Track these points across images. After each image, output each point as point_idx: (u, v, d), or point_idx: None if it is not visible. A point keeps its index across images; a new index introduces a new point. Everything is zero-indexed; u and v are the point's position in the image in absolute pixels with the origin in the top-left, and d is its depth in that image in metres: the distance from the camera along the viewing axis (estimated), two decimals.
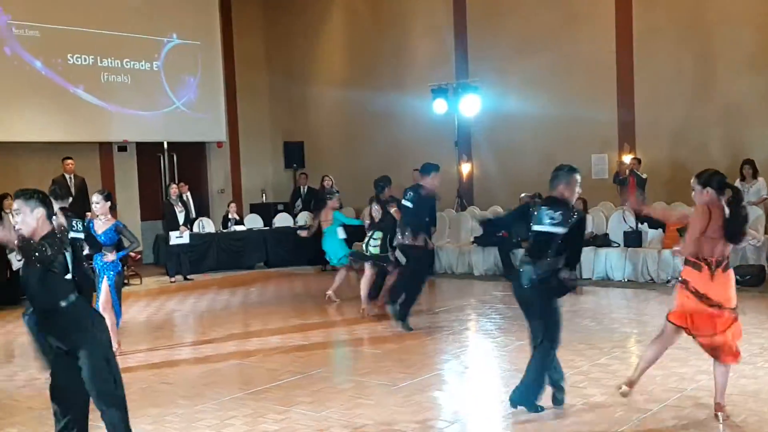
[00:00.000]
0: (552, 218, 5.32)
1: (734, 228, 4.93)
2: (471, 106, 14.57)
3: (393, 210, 9.25)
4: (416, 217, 8.55)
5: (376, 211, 9.54)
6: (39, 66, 14.60)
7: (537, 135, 14.70)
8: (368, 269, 9.49)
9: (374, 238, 9.39)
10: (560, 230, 5.26)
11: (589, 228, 11.96)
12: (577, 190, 5.51)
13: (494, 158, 15.31)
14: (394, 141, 16.62)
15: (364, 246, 9.60)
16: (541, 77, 14.60)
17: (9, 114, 14.18)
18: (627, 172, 13.05)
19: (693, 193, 5.10)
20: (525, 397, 5.40)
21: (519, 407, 5.44)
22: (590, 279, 11.68)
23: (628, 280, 11.41)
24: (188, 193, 14.82)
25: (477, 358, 7.55)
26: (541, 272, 5.22)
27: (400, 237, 8.73)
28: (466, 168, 15.61)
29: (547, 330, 5.30)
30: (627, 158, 13.29)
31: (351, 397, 6.06)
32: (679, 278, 5.05)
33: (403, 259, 8.93)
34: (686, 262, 5.04)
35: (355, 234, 11.88)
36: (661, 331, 5.17)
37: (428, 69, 15.93)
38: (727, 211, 4.95)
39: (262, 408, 5.89)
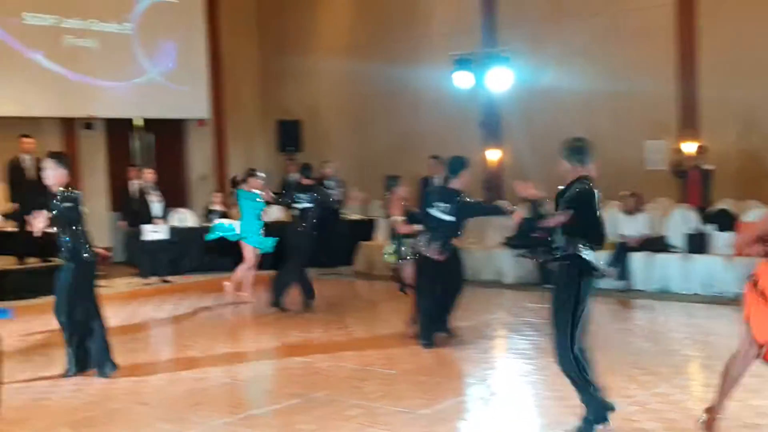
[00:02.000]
0: None
1: None
2: (500, 79, 14.52)
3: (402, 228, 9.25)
4: (455, 230, 8.57)
5: None
6: None
7: (580, 115, 14.64)
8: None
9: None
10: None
11: (643, 229, 11.95)
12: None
13: (528, 142, 15.27)
14: (408, 121, 16.63)
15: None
16: (584, 45, 14.55)
17: None
18: (690, 162, 12.95)
19: None
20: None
21: None
22: (644, 291, 11.63)
23: (692, 293, 11.35)
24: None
25: (508, 382, 7.56)
26: None
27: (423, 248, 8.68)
28: (493, 154, 15.60)
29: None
30: (688, 146, 13.25)
31: (360, 426, 6.09)
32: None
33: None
34: None
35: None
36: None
37: (449, 36, 15.91)
38: None
39: None
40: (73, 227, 7.66)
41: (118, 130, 16.84)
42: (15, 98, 14.93)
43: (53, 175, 7.73)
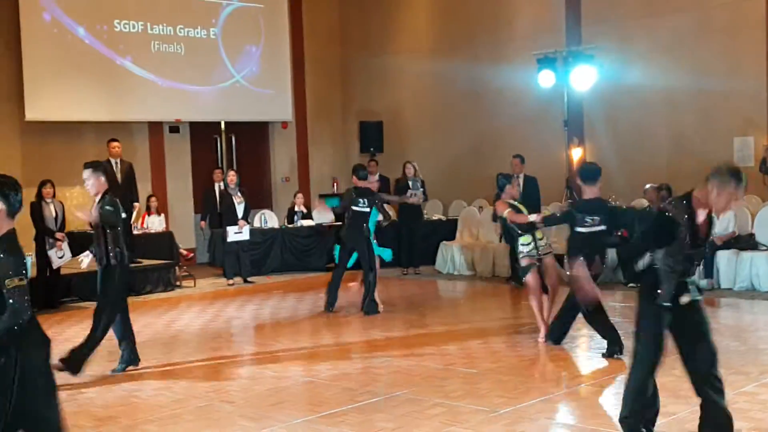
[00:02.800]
0: None
1: None
2: (584, 78, 14.34)
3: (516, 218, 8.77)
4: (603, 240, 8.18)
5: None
6: (82, 33, 15.11)
7: (666, 113, 14.40)
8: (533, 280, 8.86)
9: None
10: None
11: (730, 227, 11.68)
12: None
13: (612, 141, 15.05)
14: (490, 121, 16.54)
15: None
16: (672, 42, 14.28)
17: (47, 89, 14.70)
18: None
19: None
20: None
21: None
22: (731, 289, 11.40)
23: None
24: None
25: (592, 380, 7.44)
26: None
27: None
28: (577, 153, 15.40)
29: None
30: None
31: (442, 424, 6.07)
32: None
33: None
34: None
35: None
36: None
37: (533, 34, 15.78)
38: None
39: None
40: (109, 231, 7.87)
41: (202, 132, 17.15)
42: (105, 103, 15.35)
43: (93, 184, 7.95)
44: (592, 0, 15.31)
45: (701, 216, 5.06)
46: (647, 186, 12.45)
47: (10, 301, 4.32)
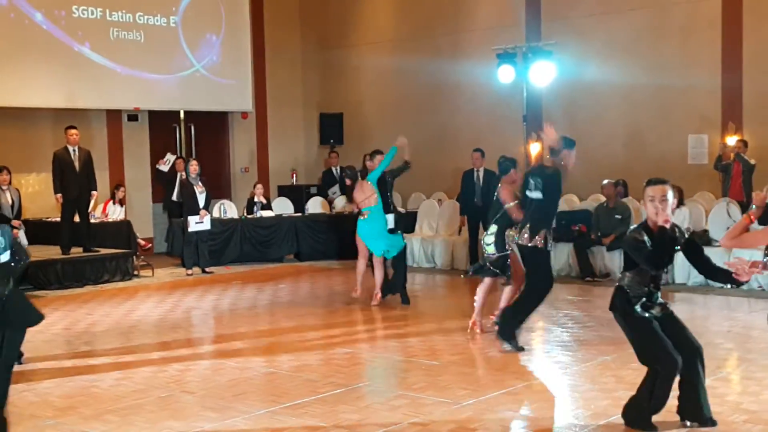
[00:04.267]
0: None
1: None
2: (543, 74, 14.43)
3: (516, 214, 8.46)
4: (546, 211, 8.05)
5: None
6: (39, 18, 14.84)
7: (623, 110, 14.55)
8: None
9: (488, 234, 8.75)
10: None
11: (685, 223, 11.83)
12: None
13: (571, 137, 15.13)
14: (450, 115, 16.58)
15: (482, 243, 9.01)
16: (629, 39, 14.43)
17: (2, 74, 14.38)
18: (731, 156, 12.88)
19: None
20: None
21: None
22: (685, 284, 11.54)
23: (732, 287, 11.22)
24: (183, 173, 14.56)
25: (551, 374, 7.50)
26: None
27: (517, 236, 8.24)
28: (535, 148, 15.46)
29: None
30: (732, 140, 13.10)
31: (406, 416, 6.07)
32: None
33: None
34: None
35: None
36: None
37: (493, 29, 15.84)
38: None
39: (303, 425, 5.94)
40: None
41: (161, 121, 16.96)
42: (62, 90, 15.10)
43: None
44: None
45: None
46: (604, 182, 12.59)
47: None
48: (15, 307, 5.10)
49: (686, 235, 5.66)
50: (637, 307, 5.50)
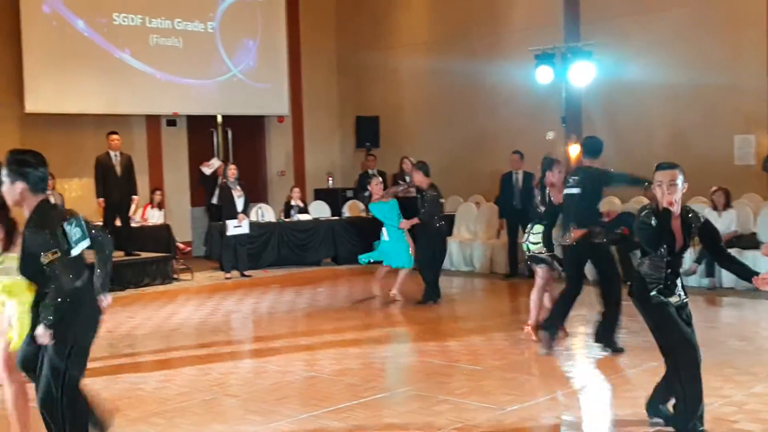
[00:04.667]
0: None
1: None
2: (582, 74, 14.28)
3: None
4: (587, 207, 7.98)
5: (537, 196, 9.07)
6: (81, 26, 15.03)
7: (665, 110, 14.36)
8: (539, 274, 8.77)
9: (533, 233, 8.71)
10: None
11: (732, 226, 11.67)
12: None
13: (610, 138, 14.77)
14: (488, 117, 16.50)
15: (524, 244, 8.96)
16: (671, 38, 14.23)
17: (47, 82, 14.64)
18: None
19: None
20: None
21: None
22: (733, 288, 11.33)
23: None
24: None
25: (596, 379, 7.42)
26: None
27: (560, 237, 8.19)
28: (574, 149, 15.36)
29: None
30: None
31: (449, 421, 6.04)
32: None
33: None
34: None
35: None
36: None
37: (530, 30, 15.72)
38: None
39: (347, 430, 5.93)
40: None
41: (199, 126, 17.08)
42: (103, 96, 15.28)
43: None
44: None
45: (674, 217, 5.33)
46: (646, 183, 12.42)
47: (54, 274, 4.45)
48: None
49: (701, 220, 5.54)
50: (653, 293, 5.43)
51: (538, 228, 8.63)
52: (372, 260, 11.72)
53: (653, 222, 5.32)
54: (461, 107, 17.03)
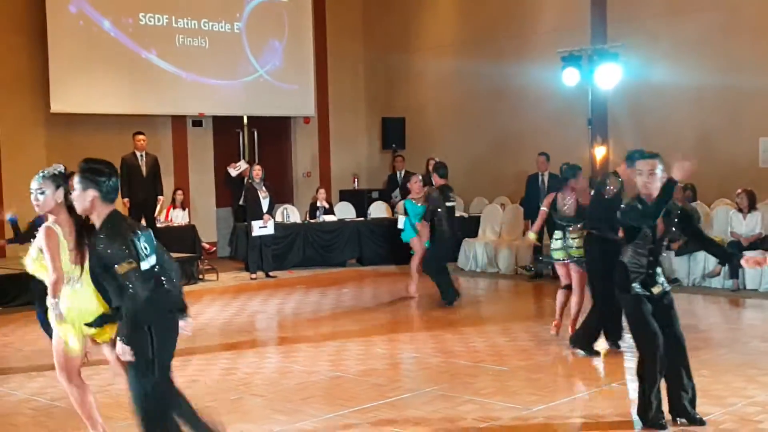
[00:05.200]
0: None
1: None
2: (609, 76, 14.25)
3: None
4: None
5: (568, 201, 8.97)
6: (107, 26, 15.15)
7: (692, 112, 14.28)
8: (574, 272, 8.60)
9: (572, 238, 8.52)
10: None
11: (757, 228, 11.61)
12: None
13: (637, 140, 14.86)
14: (513, 118, 16.48)
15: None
16: (698, 40, 14.16)
17: (73, 82, 14.75)
18: None
19: None
20: None
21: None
22: (757, 290, 11.30)
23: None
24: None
25: (621, 379, 7.40)
26: None
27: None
28: (600, 151, 15.33)
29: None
30: None
31: (475, 421, 6.06)
32: None
33: None
34: None
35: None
36: None
37: (557, 32, 15.70)
38: None
39: (374, 430, 5.96)
40: None
41: (224, 126, 17.16)
42: (129, 96, 15.40)
43: None
44: None
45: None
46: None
47: (128, 285, 4.43)
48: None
49: (679, 206, 5.98)
50: (635, 284, 5.68)
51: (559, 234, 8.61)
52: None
53: (640, 207, 5.62)
54: (487, 109, 17.02)
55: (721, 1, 13.99)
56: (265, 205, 13.81)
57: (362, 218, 16.00)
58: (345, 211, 16.45)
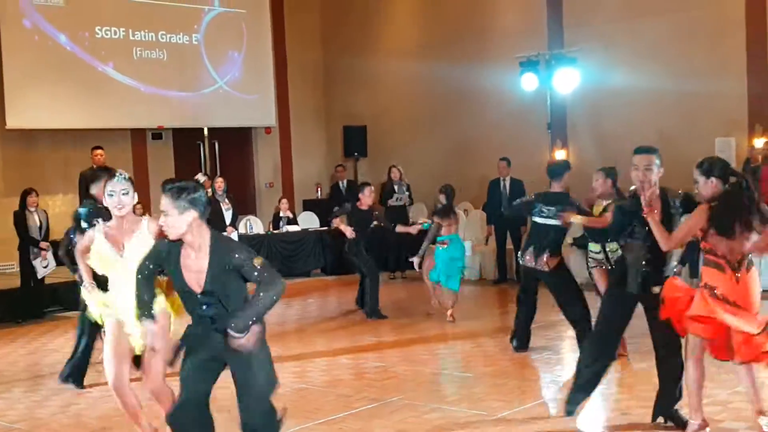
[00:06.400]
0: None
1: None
2: (567, 81, 14.42)
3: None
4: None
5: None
6: (63, 40, 14.99)
7: (648, 116, 14.44)
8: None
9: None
10: None
11: None
12: None
13: (595, 144, 15.08)
14: (475, 123, 16.56)
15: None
16: (654, 45, 14.35)
17: (29, 97, 14.56)
18: (759, 159, 12.76)
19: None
20: None
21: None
22: None
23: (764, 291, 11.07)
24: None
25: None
26: None
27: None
28: (560, 155, 15.45)
29: None
30: (759, 142, 13.01)
31: (441, 429, 6.06)
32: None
33: None
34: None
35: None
36: None
37: (515, 37, 15.81)
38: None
39: None
40: None
41: (185, 139, 17.06)
42: (87, 110, 15.26)
43: None
44: (573, 3, 15.36)
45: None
46: (632, 188, 12.48)
47: (266, 274, 4.53)
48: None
49: (681, 193, 5.98)
50: (634, 284, 5.81)
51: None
52: None
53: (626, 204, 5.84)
54: (448, 115, 17.09)
55: (676, 7, 14.18)
56: (227, 217, 13.75)
57: (326, 227, 15.95)
58: (308, 220, 16.41)
